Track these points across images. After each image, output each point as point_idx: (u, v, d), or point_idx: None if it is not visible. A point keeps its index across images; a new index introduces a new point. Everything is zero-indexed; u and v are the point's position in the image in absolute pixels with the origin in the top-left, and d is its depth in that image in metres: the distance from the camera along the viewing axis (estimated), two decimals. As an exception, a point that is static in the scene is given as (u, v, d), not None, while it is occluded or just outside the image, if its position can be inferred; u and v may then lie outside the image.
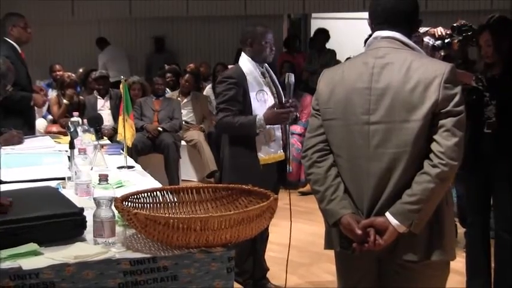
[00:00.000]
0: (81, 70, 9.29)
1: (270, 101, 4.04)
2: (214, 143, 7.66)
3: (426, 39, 3.65)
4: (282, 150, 4.08)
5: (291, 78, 3.97)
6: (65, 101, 7.48)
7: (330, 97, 2.44)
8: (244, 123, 3.91)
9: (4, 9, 7.23)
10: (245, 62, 4.06)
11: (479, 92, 3.89)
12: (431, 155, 2.25)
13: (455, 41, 3.72)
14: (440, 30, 3.73)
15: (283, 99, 4.05)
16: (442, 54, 3.64)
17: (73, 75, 7.92)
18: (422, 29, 3.59)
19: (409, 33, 2.47)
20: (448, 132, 2.24)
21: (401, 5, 2.44)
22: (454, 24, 3.84)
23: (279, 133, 4.05)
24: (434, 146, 2.25)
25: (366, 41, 2.82)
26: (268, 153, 4.00)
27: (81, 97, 7.80)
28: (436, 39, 3.69)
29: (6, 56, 5.13)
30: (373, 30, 2.49)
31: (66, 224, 2.28)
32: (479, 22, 4.01)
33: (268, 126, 3.93)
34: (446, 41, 3.71)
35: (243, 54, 4.12)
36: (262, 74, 4.09)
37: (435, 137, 2.26)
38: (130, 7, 10.58)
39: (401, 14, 2.43)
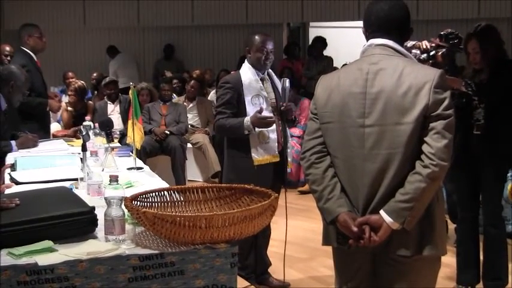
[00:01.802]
0: (94, 75, 9.31)
1: (265, 105, 4.04)
2: (218, 145, 7.67)
3: (414, 51, 3.67)
4: (277, 153, 4.06)
5: (286, 83, 4.00)
6: (69, 108, 7.48)
7: (327, 101, 2.44)
8: (233, 125, 3.94)
9: (20, 19, 7.26)
10: (245, 69, 4.08)
11: (469, 96, 3.89)
12: (423, 156, 2.25)
13: (439, 53, 3.73)
14: (425, 44, 3.75)
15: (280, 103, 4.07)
16: (431, 62, 3.65)
17: (79, 82, 7.86)
18: (409, 43, 3.61)
19: (401, 40, 2.46)
20: (438, 135, 2.24)
21: (394, 14, 2.43)
22: (442, 33, 3.84)
23: (274, 136, 4.01)
24: (425, 148, 2.25)
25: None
26: (262, 155, 3.99)
27: (90, 102, 7.81)
28: (422, 52, 3.70)
29: (24, 64, 5.16)
30: (368, 38, 2.49)
31: (78, 222, 2.29)
32: (467, 30, 4.02)
33: (260, 129, 3.93)
34: (431, 53, 3.73)
35: (245, 61, 4.13)
36: (262, 79, 4.09)
37: (426, 139, 2.26)
38: (138, 16, 10.58)
39: (393, 23, 2.43)
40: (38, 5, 10.11)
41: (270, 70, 4.17)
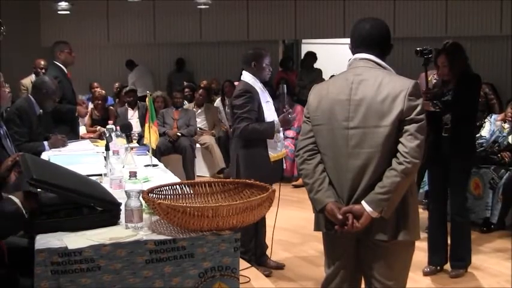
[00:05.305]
0: (116, 84, 9.30)
1: (273, 108, 4.08)
2: (223, 145, 7.68)
3: None
4: (284, 148, 4.12)
5: (284, 88, 4.02)
6: (94, 112, 7.48)
7: (318, 107, 2.44)
8: (266, 127, 3.94)
9: (54, 37, 7.25)
10: (249, 79, 4.03)
11: (437, 113, 3.90)
12: (398, 154, 2.26)
13: None
14: None
15: (280, 107, 4.10)
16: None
17: (102, 91, 7.84)
18: None
19: (383, 55, 2.45)
20: (412, 136, 2.25)
21: (376, 33, 2.43)
22: (417, 48, 3.85)
23: (281, 134, 4.09)
24: (400, 147, 2.26)
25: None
26: (276, 152, 4.03)
27: (111, 107, 7.80)
28: None
29: (56, 76, 5.21)
30: (353, 52, 2.48)
31: (107, 211, 2.30)
32: (436, 47, 4.04)
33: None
34: None
35: (245, 72, 4.07)
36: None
37: (401, 139, 2.26)
38: (154, 34, 10.58)
39: (375, 40, 2.42)
40: (69, 24, 10.11)
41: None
